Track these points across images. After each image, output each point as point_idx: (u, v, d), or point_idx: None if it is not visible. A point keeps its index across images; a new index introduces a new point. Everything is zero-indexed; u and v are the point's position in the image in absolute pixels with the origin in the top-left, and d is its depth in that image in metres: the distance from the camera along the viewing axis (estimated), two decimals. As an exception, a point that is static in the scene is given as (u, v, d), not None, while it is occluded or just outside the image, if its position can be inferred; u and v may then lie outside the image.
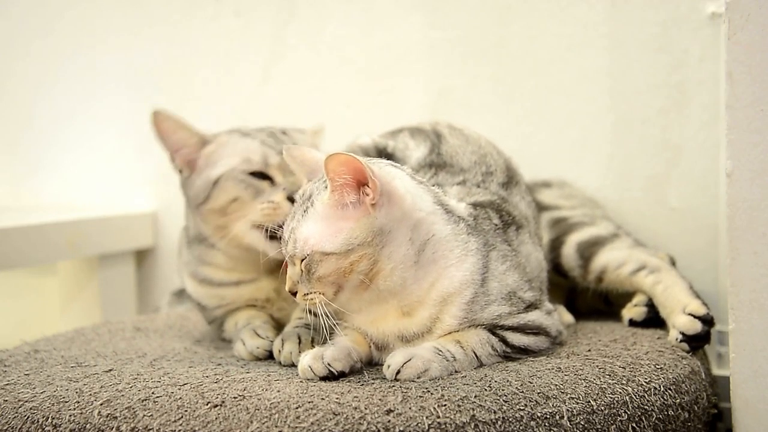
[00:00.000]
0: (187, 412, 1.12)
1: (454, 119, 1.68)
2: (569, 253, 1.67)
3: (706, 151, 1.87)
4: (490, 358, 1.29)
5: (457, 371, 1.24)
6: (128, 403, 1.16)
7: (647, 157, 1.93)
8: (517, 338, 1.31)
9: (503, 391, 1.15)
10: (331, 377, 1.24)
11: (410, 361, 1.21)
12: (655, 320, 1.55)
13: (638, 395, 1.21)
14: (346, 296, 1.25)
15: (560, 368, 1.25)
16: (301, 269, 1.24)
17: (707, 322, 1.43)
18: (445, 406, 1.10)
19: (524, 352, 1.32)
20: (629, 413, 1.19)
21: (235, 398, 1.15)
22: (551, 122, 2.02)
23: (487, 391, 1.15)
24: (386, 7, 2.15)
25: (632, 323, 1.58)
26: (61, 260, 2.25)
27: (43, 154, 2.53)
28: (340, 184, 1.21)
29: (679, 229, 1.90)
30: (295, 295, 1.28)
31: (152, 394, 1.19)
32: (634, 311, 1.59)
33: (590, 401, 1.17)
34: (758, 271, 1.22)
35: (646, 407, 1.21)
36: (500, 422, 1.10)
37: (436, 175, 1.48)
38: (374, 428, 1.06)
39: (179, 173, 1.58)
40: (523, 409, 1.12)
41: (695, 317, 1.43)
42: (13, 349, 1.57)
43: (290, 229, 1.27)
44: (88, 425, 1.14)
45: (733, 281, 1.24)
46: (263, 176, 1.51)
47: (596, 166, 1.98)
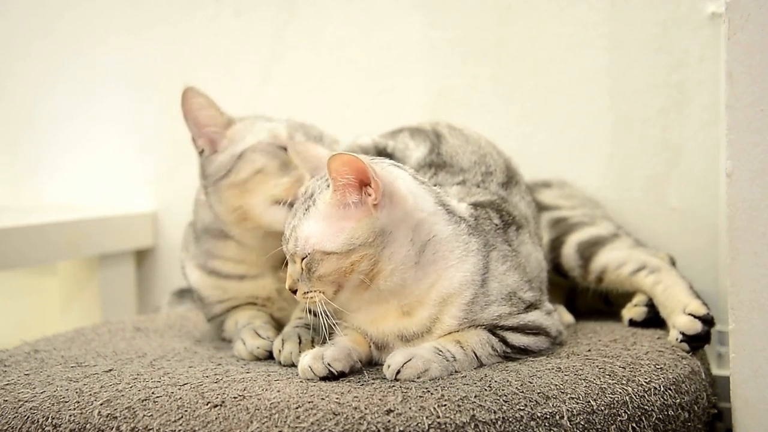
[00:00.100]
0: (187, 412, 1.12)
1: (454, 119, 1.68)
2: (569, 253, 1.67)
3: (706, 151, 1.87)
4: (490, 358, 1.29)
5: (457, 371, 1.24)
6: (128, 403, 1.16)
7: (647, 157, 1.93)
8: (517, 338, 1.31)
9: (503, 391, 1.15)
10: (331, 377, 1.24)
11: (410, 361, 1.21)
12: (655, 320, 1.55)
13: (638, 395, 1.21)
14: (346, 295, 1.25)
15: (560, 368, 1.25)
16: (301, 268, 1.24)
17: (707, 322, 1.43)
18: (445, 406, 1.10)
19: (524, 352, 1.32)
20: (629, 413, 1.19)
21: (235, 398, 1.15)
22: (551, 122, 2.02)
23: (487, 391, 1.15)
24: (386, 7, 2.15)
25: (632, 323, 1.58)
26: (61, 260, 2.25)
27: (43, 154, 2.52)
28: (342, 183, 1.21)
29: (679, 229, 1.90)
30: (295, 293, 1.28)
31: (152, 394, 1.19)
32: (634, 311, 1.59)
33: (590, 401, 1.17)
34: (758, 271, 1.21)
35: (646, 407, 1.21)
36: (500, 422, 1.10)
37: (435, 175, 1.48)
38: (374, 428, 1.06)
39: (200, 154, 1.57)
40: (523, 409, 1.12)
41: (695, 317, 1.43)
42: (13, 349, 1.57)
43: (291, 227, 1.27)
44: (88, 425, 1.14)
45: (733, 281, 1.24)
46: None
47: (596, 166, 1.98)
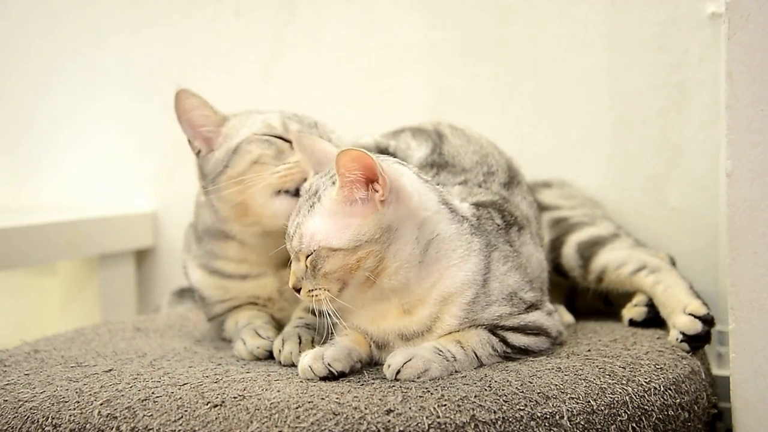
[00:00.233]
0: (187, 412, 1.12)
1: (454, 119, 1.68)
2: (569, 253, 1.67)
3: (706, 151, 1.87)
4: (490, 358, 1.29)
5: (457, 371, 1.24)
6: (128, 403, 1.16)
7: (647, 157, 1.93)
8: (517, 339, 1.31)
9: (503, 391, 1.15)
10: (331, 377, 1.24)
11: (410, 361, 1.21)
12: (655, 320, 1.55)
13: (638, 395, 1.21)
14: (350, 293, 1.24)
15: (560, 368, 1.25)
16: (306, 265, 1.24)
17: (708, 322, 1.43)
18: (445, 406, 1.10)
19: (524, 352, 1.32)
20: (629, 413, 1.19)
21: (235, 398, 1.15)
22: (551, 122, 2.02)
23: (487, 391, 1.15)
24: (386, 7, 2.15)
25: (632, 323, 1.58)
26: (61, 260, 2.24)
27: (43, 154, 2.52)
28: (350, 180, 1.20)
29: (679, 229, 1.90)
30: (298, 291, 1.27)
31: (152, 394, 1.19)
32: (634, 311, 1.59)
33: (590, 401, 1.17)
34: (758, 271, 1.21)
35: (646, 407, 1.21)
36: (500, 422, 1.10)
37: (437, 174, 1.48)
38: (374, 428, 1.06)
39: (197, 155, 1.57)
40: (523, 409, 1.12)
41: (696, 317, 1.43)
42: (13, 349, 1.57)
43: (296, 224, 1.26)
44: (88, 425, 1.13)
45: (733, 281, 1.24)
46: (284, 141, 1.49)
47: (596, 166, 1.98)
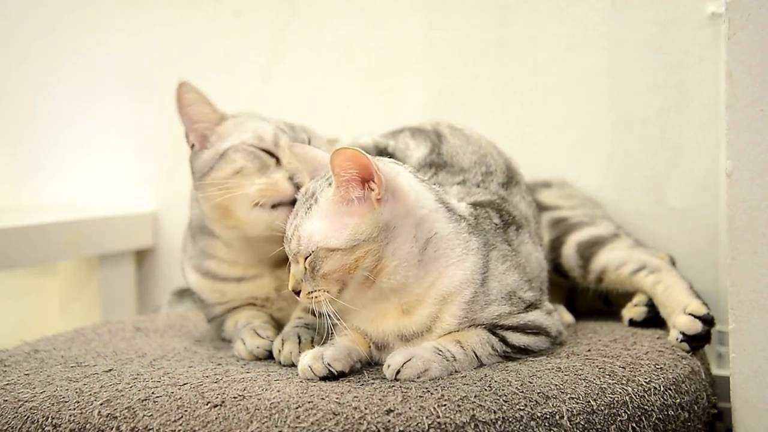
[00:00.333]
0: (187, 412, 1.12)
1: (454, 119, 1.68)
2: (569, 253, 1.67)
3: (706, 151, 1.87)
4: (490, 358, 1.29)
5: (457, 371, 1.24)
6: (128, 403, 1.16)
7: (647, 157, 1.93)
8: (517, 338, 1.31)
9: (503, 391, 1.15)
10: (331, 377, 1.24)
11: (410, 361, 1.21)
12: (655, 320, 1.55)
13: (638, 395, 1.21)
14: (349, 294, 1.24)
15: (560, 368, 1.25)
16: (304, 267, 1.24)
17: (708, 322, 1.43)
18: (445, 406, 1.10)
19: (524, 352, 1.32)
20: (629, 413, 1.19)
21: (235, 398, 1.15)
22: (551, 122, 2.02)
23: (487, 391, 1.15)
24: (386, 7, 2.15)
25: (632, 323, 1.58)
26: (61, 260, 2.24)
27: (43, 154, 2.52)
28: (345, 179, 1.20)
29: (679, 229, 1.90)
30: (298, 294, 1.27)
31: (152, 394, 1.19)
32: (634, 311, 1.59)
33: (590, 401, 1.17)
34: (758, 271, 1.21)
35: (646, 407, 1.21)
36: (500, 422, 1.10)
37: (436, 174, 1.48)
38: (374, 428, 1.06)
39: (191, 148, 1.57)
40: (523, 409, 1.12)
41: (696, 317, 1.43)
42: (13, 349, 1.57)
43: (293, 227, 1.27)
44: (88, 425, 1.13)
45: (733, 281, 1.24)
46: (271, 156, 1.49)
47: (596, 166, 1.98)
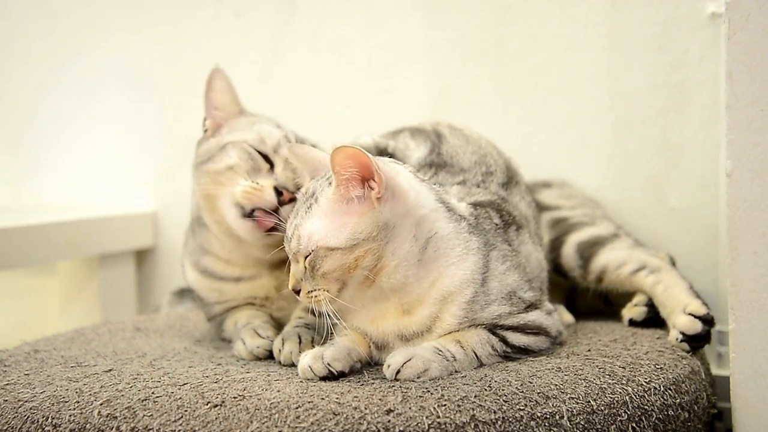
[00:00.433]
0: (187, 412, 1.12)
1: (454, 119, 1.68)
2: (569, 253, 1.67)
3: (706, 151, 1.87)
4: (490, 358, 1.29)
5: (457, 371, 1.24)
6: (128, 403, 1.16)
7: (647, 157, 1.93)
8: (517, 338, 1.31)
9: (503, 391, 1.15)
10: (331, 377, 1.24)
11: (410, 360, 1.21)
12: (655, 320, 1.55)
13: (638, 395, 1.21)
14: (349, 293, 1.24)
15: (560, 368, 1.25)
16: (304, 266, 1.24)
17: (708, 322, 1.43)
18: (445, 406, 1.10)
19: (524, 352, 1.32)
20: (629, 413, 1.19)
21: (235, 398, 1.15)
22: (551, 122, 2.02)
23: (487, 391, 1.15)
24: (386, 7, 2.15)
25: (632, 323, 1.58)
26: (61, 260, 2.25)
27: (43, 154, 2.53)
28: (345, 177, 1.20)
29: (679, 229, 1.90)
30: (298, 293, 1.27)
31: (152, 394, 1.19)
32: (634, 311, 1.59)
33: (590, 401, 1.17)
34: (758, 271, 1.21)
35: (646, 407, 1.21)
36: (500, 422, 1.10)
37: (436, 174, 1.48)
38: (374, 428, 1.06)
39: (204, 131, 1.59)
40: (523, 409, 1.12)
41: (696, 317, 1.43)
42: (13, 349, 1.57)
43: (293, 226, 1.27)
44: (88, 425, 1.13)
45: (733, 281, 1.24)
46: (267, 161, 1.50)
47: (596, 166, 1.98)
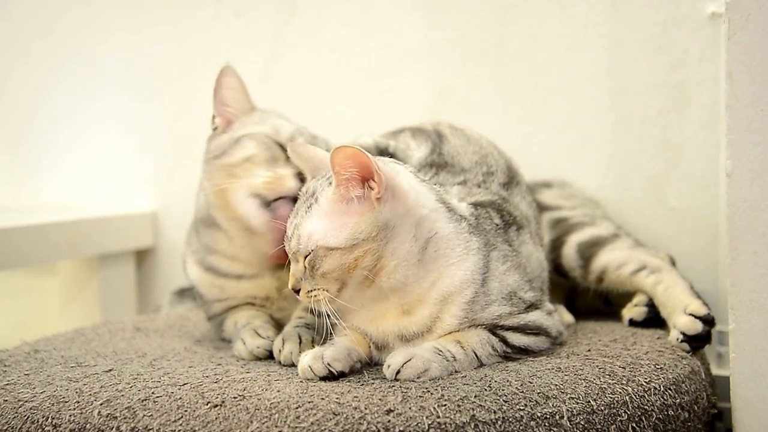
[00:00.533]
0: (187, 412, 1.12)
1: (454, 119, 1.68)
2: (570, 253, 1.67)
3: (706, 151, 1.87)
4: (490, 358, 1.29)
5: (457, 371, 1.24)
6: (128, 403, 1.16)
7: (647, 157, 1.93)
8: (517, 338, 1.31)
9: (503, 391, 1.15)
10: (331, 377, 1.24)
11: (410, 361, 1.21)
12: (655, 320, 1.55)
13: (638, 395, 1.21)
14: (349, 293, 1.24)
15: (560, 368, 1.25)
16: (304, 266, 1.24)
17: (708, 322, 1.43)
18: (445, 406, 1.10)
19: (524, 352, 1.32)
20: (629, 413, 1.19)
21: (235, 398, 1.15)
22: (551, 122, 2.02)
23: (487, 391, 1.15)
24: (386, 7, 2.15)
25: (632, 323, 1.58)
26: (61, 260, 2.24)
27: (43, 154, 2.52)
28: (345, 177, 1.21)
29: (679, 229, 1.90)
30: (298, 293, 1.27)
31: (152, 394, 1.19)
32: (634, 311, 1.59)
33: (590, 401, 1.17)
34: (758, 271, 1.21)
35: (646, 407, 1.21)
36: (500, 422, 1.10)
37: (437, 174, 1.48)
38: (374, 428, 1.06)
39: (214, 129, 1.59)
40: (523, 409, 1.12)
41: (696, 317, 1.43)
42: (13, 349, 1.57)
43: (294, 225, 1.27)
44: (88, 425, 1.13)
45: (733, 281, 1.24)
46: (283, 151, 1.50)
47: (596, 166, 1.98)
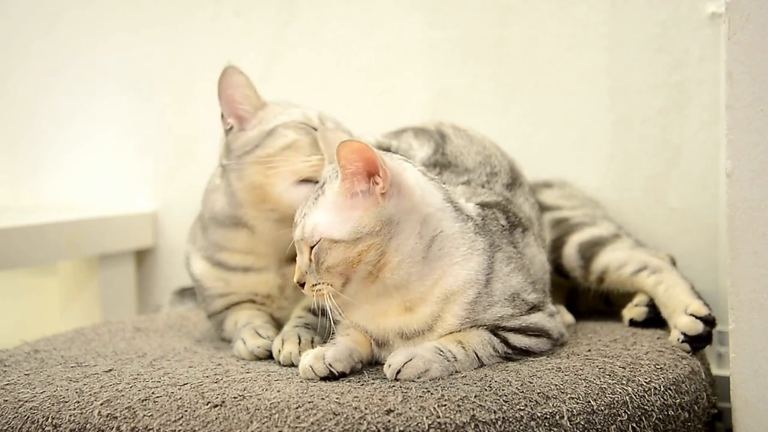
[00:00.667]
0: (187, 412, 1.12)
1: (454, 119, 1.68)
2: (570, 253, 1.67)
3: (706, 151, 1.87)
4: (491, 358, 1.29)
5: (457, 371, 1.24)
6: (128, 403, 1.16)
7: (647, 157, 1.93)
8: (518, 340, 1.31)
9: (503, 391, 1.15)
10: (331, 377, 1.24)
11: (411, 360, 1.21)
12: (655, 320, 1.55)
13: (638, 395, 1.21)
14: (353, 288, 1.25)
15: (560, 368, 1.25)
16: (309, 259, 1.25)
17: (709, 322, 1.43)
18: (445, 406, 1.10)
19: (526, 353, 1.32)
20: (629, 413, 1.19)
21: (235, 398, 1.15)
22: (551, 122, 2.02)
23: (487, 391, 1.15)
24: (386, 7, 2.15)
25: (633, 323, 1.58)
26: (61, 260, 2.24)
27: (43, 154, 2.52)
28: (350, 171, 1.21)
29: (679, 229, 1.90)
30: (302, 286, 1.28)
31: (152, 394, 1.19)
32: (634, 311, 1.59)
33: (590, 401, 1.17)
34: (758, 271, 1.21)
35: (646, 407, 1.21)
36: (500, 422, 1.10)
37: (440, 174, 1.48)
38: (374, 428, 1.06)
39: (227, 131, 1.56)
40: (523, 409, 1.12)
41: (697, 318, 1.43)
42: (13, 349, 1.57)
43: (303, 214, 1.28)
44: (88, 425, 1.13)
45: (733, 281, 1.24)
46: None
47: (596, 166, 1.98)
